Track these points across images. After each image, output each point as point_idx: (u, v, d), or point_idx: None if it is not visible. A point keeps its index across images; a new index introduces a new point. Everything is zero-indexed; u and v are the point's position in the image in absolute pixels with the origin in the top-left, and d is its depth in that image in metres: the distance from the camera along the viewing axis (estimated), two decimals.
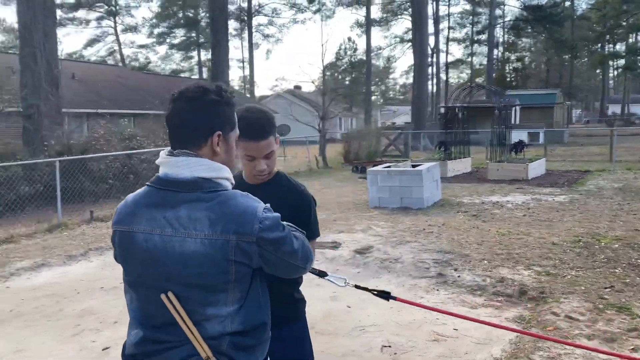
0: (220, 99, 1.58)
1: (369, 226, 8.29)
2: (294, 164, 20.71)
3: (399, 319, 4.67)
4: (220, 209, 1.47)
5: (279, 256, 1.55)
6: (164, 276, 1.47)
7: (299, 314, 2.19)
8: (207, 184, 1.50)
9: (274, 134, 2.05)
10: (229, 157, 1.64)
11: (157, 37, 55.85)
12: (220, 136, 1.57)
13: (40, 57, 12.17)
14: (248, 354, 1.54)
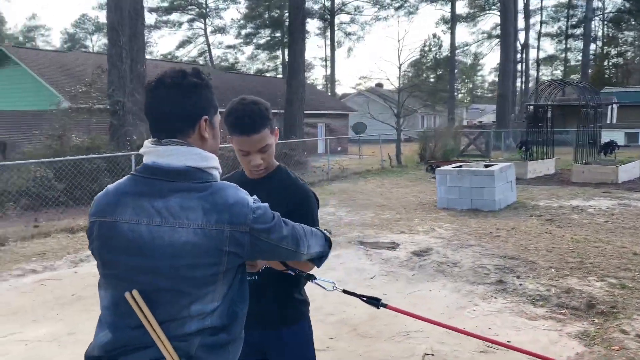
0: (201, 82, 1.51)
1: (432, 228, 7.98)
2: (367, 162, 20.55)
3: None
4: (213, 199, 1.41)
5: (272, 242, 1.50)
6: (151, 269, 1.39)
7: (300, 316, 2.09)
8: (199, 174, 1.45)
9: (269, 126, 1.95)
10: (216, 143, 1.58)
11: (244, 37, 57.63)
12: (207, 120, 1.51)
13: (126, 57, 12.92)
14: (219, 355, 1.45)
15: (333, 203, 10.78)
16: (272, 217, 1.52)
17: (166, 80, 1.47)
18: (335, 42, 51.01)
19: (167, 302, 1.40)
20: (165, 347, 1.38)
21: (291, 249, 1.59)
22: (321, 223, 7.63)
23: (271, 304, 2.03)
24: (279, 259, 1.69)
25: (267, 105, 1.98)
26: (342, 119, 32.24)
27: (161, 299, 1.40)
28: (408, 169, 17.49)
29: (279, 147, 16.41)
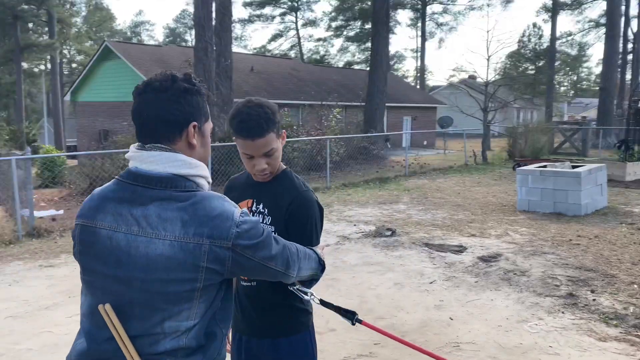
0: (191, 87, 1.44)
1: (507, 232, 7.52)
2: (452, 158, 19.86)
3: (504, 341, 4.13)
4: (194, 210, 1.33)
5: (258, 261, 1.42)
6: (125, 280, 1.33)
7: (299, 326, 2.00)
8: (182, 182, 1.37)
9: (274, 130, 1.87)
10: (206, 151, 1.51)
11: (334, 30, 57.87)
12: (196, 127, 1.44)
13: (211, 51, 13.37)
14: None
15: (405, 200, 10.51)
16: (261, 233, 1.42)
17: (154, 84, 1.41)
18: (427, 33, 49.76)
19: (140, 317, 1.33)
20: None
21: (280, 270, 1.51)
22: (389, 221, 7.56)
23: (268, 312, 1.97)
24: (265, 278, 1.59)
25: (273, 109, 1.90)
26: (430, 112, 31.45)
27: (134, 313, 1.34)
28: (494, 167, 16.68)
29: (358, 140, 16.30)
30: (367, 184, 13.01)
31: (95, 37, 50.61)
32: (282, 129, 1.97)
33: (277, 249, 1.47)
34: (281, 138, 1.95)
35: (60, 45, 40.24)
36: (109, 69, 23.11)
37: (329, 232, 7.72)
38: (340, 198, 10.94)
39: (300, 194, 1.94)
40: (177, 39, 62.13)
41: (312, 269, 1.71)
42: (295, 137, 13.76)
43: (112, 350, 1.34)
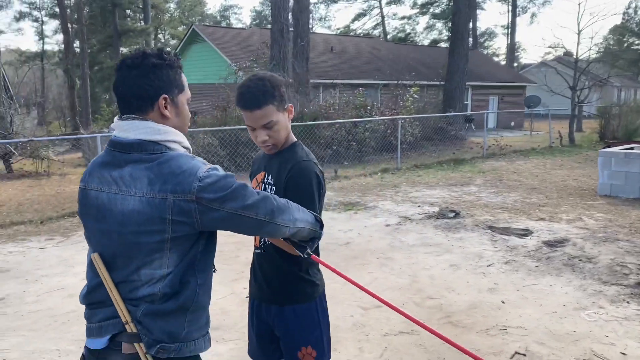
0: (162, 62, 1.55)
1: (580, 217, 7.11)
2: (537, 139, 18.88)
3: (556, 327, 3.98)
4: (159, 169, 1.48)
5: (229, 211, 1.50)
6: (107, 233, 1.52)
7: (306, 297, 2.06)
8: (151, 146, 1.51)
9: (274, 103, 1.93)
10: (181, 121, 1.63)
11: (419, 7, 56.35)
12: (167, 99, 1.56)
13: (287, 32, 13.57)
14: (165, 322, 1.51)
15: (477, 182, 10.20)
16: (230, 186, 1.50)
17: (127, 61, 1.55)
18: (518, 8, 47.07)
19: (121, 266, 1.51)
20: (120, 307, 1.50)
21: (263, 219, 1.57)
22: (457, 203, 7.48)
23: (275, 280, 2.06)
24: (249, 229, 1.60)
25: (274, 82, 1.95)
26: (519, 91, 29.90)
27: (116, 262, 1.51)
28: (581, 149, 15.66)
29: (434, 120, 15.92)
30: (441, 165, 12.74)
31: (187, 22, 52.81)
32: (288, 103, 2.01)
33: (255, 199, 1.54)
34: (287, 112, 2.00)
35: (154, 30, 42.50)
36: (196, 52, 24.13)
37: (391, 212, 7.70)
38: (409, 179, 10.82)
39: (298, 162, 1.98)
40: (263, 22, 63.33)
41: (308, 222, 1.75)
42: (369, 117, 13.70)
43: (104, 295, 1.52)
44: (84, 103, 29.24)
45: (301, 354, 2.05)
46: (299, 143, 2.10)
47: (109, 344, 1.52)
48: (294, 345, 2.05)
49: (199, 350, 1.61)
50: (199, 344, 1.60)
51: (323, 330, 2.11)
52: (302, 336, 2.06)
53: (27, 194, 10.11)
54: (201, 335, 1.62)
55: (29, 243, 6.40)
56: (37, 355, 3.61)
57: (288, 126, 2.03)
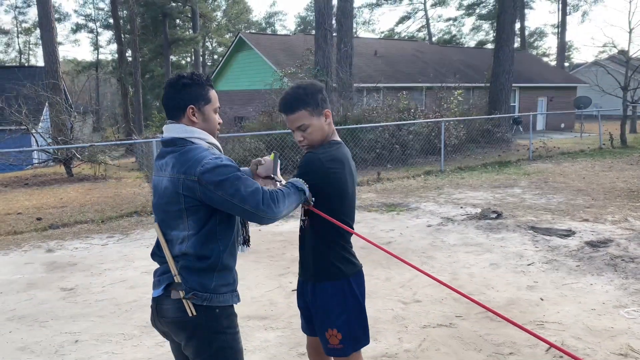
0: (191, 82, 2.08)
1: (626, 218, 7.04)
2: (586, 141, 18.42)
3: (594, 324, 4.06)
4: (180, 157, 1.97)
5: (221, 195, 1.90)
6: (156, 206, 2.08)
7: (332, 275, 2.25)
8: (180, 141, 2.03)
9: (307, 108, 2.20)
10: (208, 124, 2.12)
11: (465, 8, 55.66)
12: (194, 109, 2.07)
13: (330, 38, 13.85)
14: (199, 277, 1.97)
15: (522, 184, 10.16)
16: (226, 174, 1.90)
17: (169, 82, 2.12)
18: (569, 7, 45.74)
19: (164, 229, 2.04)
20: (170, 262, 2.01)
21: (247, 209, 1.92)
22: (500, 204, 7.84)
23: (309, 258, 2.30)
24: (238, 214, 1.98)
25: (309, 90, 2.22)
26: (569, 92, 29.12)
27: (162, 227, 2.05)
28: (633, 151, 15.21)
29: (479, 122, 15.83)
30: (485, 167, 12.70)
31: (233, 30, 54.10)
32: (325, 108, 2.25)
33: (245, 191, 1.90)
34: (323, 116, 2.24)
35: (202, 38, 43.82)
36: (243, 59, 24.80)
37: (433, 213, 7.83)
38: (452, 181, 10.88)
39: (307, 153, 2.23)
40: (307, 28, 64.07)
41: (293, 202, 2.07)
42: (412, 120, 13.80)
43: (162, 255, 2.06)
44: (136, 110, 30.55)
45: (328, 335, 2.26)
46: (334, 142, 2.31)
47: (163, 292, 2.01)
48: (322, 325, 2.28)
49: (227, 302, 2.04)
50: (226, 297, 2.04)
51: (351, 315, 2.26)
52: (330, 318, 2.26)
53: (87, 196, 10.79)
54: (229, 291, 2.05)
55: (92, 240, 6.91)
56: (105, 337, 3.99)
57: (324, 128, 2.26)
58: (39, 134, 15.87)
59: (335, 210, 2.22)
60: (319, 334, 2.32)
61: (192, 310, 1.95)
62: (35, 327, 4.22)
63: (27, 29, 54.74)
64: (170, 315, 2.00)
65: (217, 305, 1.99)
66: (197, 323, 1.97)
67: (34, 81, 17.41)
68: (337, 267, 2.26)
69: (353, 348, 2.30)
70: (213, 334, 2.00)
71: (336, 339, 2.25)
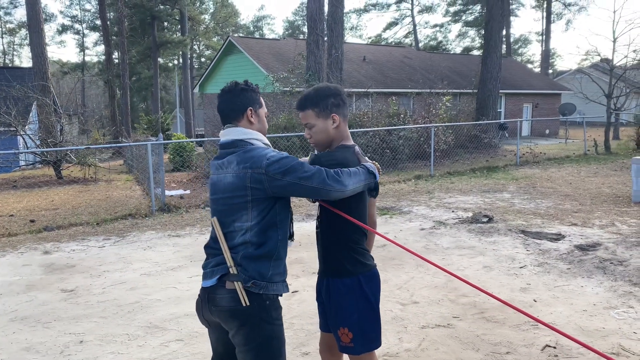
0: (247, 87, 2.31)
1: (613, 222, 7.24)
2: (571, 147, 18.78)
3: (586, 324, 4.21)
4: (244, 155, 2.17)
5: (289, 180, 2.10)
6: (215, 200, 2.24)
7: (350, 272, 2.33)
8: (241, 143, 2.23)
9: (315, 109, 2.32)
10: (262, 125, 2.34)
11: (452, 15, 56.31)
12: (252, 110, 2.28)
13: (322, 44, 13.99)
14: (257, 264, 2.13)
15: (510, 189, 10.36)
16: (288, 163, 2.11)
17: (226, 88, 2.32)
18: (553, 15, 46.53)
19: (224, 222, 2.19)
20: (227, 255, 2.14)
21: (315, 187, 2.12)
22: (490, 209, 7.92)
23: (324, 254, 2.41)
24: (307, 194, 2.15)
25: (323, 93, 2.34)
26: (553, 98, 29.64)
27: (222, 220, 2.20)
28: (616, 157, 15.56)
29: (467, 128, 16.06)
30: (474, 172, 12.91)
31: (221, 33, 54.07)
32: (333, 112, 2.33)
33: (309, 172, 2.11)
34: (330, 119, 2.33)
35: (190, 41, 43.73)
36: (232, 62, 24.85)
37: (426, 217, 7.97)
38: (442, 186, 11.05)
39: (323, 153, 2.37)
40: (296, 32, 64.28)
41: (362, 181, 2.25)
42: (402, 125, 13.97)
43: (217, 247, 2.20)
44: (124, 112, 30.35)
45: (340, 333, 2.35)
46: (348, 145, 2.40)
47: (217, 282, 2.15)
48: (335, 323, 2.37)
49: (279, 291, 2.20)
50: (279, 286, 2.19)
51: (362, 315, 2.33)
52: (342, 316, 2.34)
53: (78, 199, 10.76)
54: (281, 280, 2.21)
55: (89, 242, 6.93)
56: (109, 338, 4.04)
57: (329, 132, 2.35)
58: (28, 136, 15.74)
59: (353, 209, 2.31)
60: (333, 331, 2.40)
61: (246, 300, 2.09)
62: (38, 328, 4.25)
63: (12, 29, 54.18)
64: (224, 304, 2.13)
65: (270, 294, 2.14)
66: (250, 313, 2.11)
67: (21, 82, 17.29)
68: (347, 266, 2.34)
69: (364, 348, 2.35)
70: (263, 324, 2.13)
71: (347, 337, 2.33)
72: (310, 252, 6.21)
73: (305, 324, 4.27)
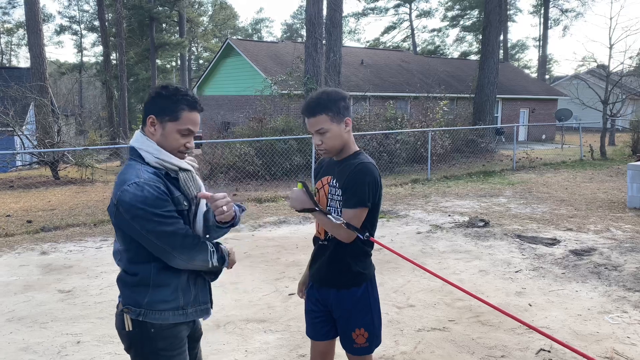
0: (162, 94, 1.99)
1: (608, 227, 7.29)
2: (568, 153, 18.87)
3: (579, 328, 4.25)
4: (121, 173, 1.98)
5: (131, 224, 1.83)
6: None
7: (356, 283, 2.39)
8: (133, 151, 2.02)
9: (327, 113, 2.25)
10: (164, 140, 2.04)
11: (450, 20, 56.52)
12: (153, 119, 2.01)
13: (321, 47, 14.04)
14: (130, 290, 1.95)
15: (507, 194, 10.41)
16: (144, 207, 1.81)
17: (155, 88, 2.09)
18: (550, 20, 46.76)
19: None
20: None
21: (165, 248, 1.87)
22: (486, 213, 7.92)
23: (333, 266, 2.39)
24: (149, 248, 1.89)
25: (332, 97, 2.27)
26: (549, 104, 29.76)
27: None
28: (612, 163, 15.65)
29: (464, 132, 16.14)
30: (470, 177, 12.96)
31: (220, 35, 54.12)
32: (346, 116, 2.31)
33: (168, 229, 1.84)
34: (343, 123, 2.30)
35: (188, 43, 43.75)
36: (230, 64, 24.88)
37: (422, 221, 8.01)
38: (439, 190, 11.09)
39: (356, 164, 2.30)
40: (294, 35, 64.38)
41: (201, 260, 1.98)
42: (399, 129, 14.03)
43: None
44: (121, 113, 30.33)
45: (355, 335, 2.38)
46: (361, 151, 2.41)
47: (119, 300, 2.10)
48: (349, 326, 2.38)
49: (167, 320, 1.97)
50: (166, 314, 1.98)
51: (374, 315, 2.42)
52: (357, 319, 2.38)
53: (75, 199, 10.75)
54: (169, 308, 1.97)
55: (86, 243, 6.93)
56: (107, 339, 4.05)
57: (343, 136, 2.31)
58: (26, 136, 15.72)
59: (369, 217, 2.34)
60: (344, 335, 2.41)
61: (129, 325, 1.94)
62: (35, 328, 4.26)
63: (10, 29, 54.08)
64: (117, 324, 2.02)
65: (155, 323, 1.94)
66: (132, 339, 1.97)
67: (19, 83, 17.28)
68: (362, 273, 2.39)
69: (375, 345, 2.44)
70: (147, 354, 1.96)
71: (363, 338, 2.38)
72: (308, 255, 6.22)
73: (302, 326, 4.27)
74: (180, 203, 1.94)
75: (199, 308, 2.05)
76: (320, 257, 2.45)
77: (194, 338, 2.19)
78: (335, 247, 2.38)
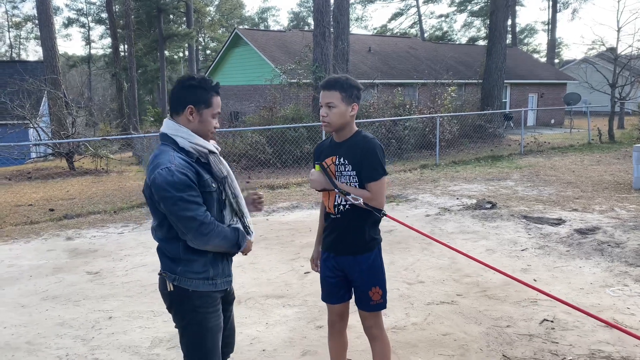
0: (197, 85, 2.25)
1: (612, 207, 7.48)
2: (576, 136, 18.93)
3: (582, 300, 4.47)
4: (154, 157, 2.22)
5: (160, 204, 2.12)
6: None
7: (369, 248, 2.70)
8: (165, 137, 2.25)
9: (341, 92, 2.55)
10: (202, 126, 2.27)
11: (457, 5, 56.12)
12: (192, 109, 2.26)
13: (329, 35, 14.19)
14: (166, 261, 2.26)
15: (514, 177, 10.59)
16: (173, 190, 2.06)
17: (179, 79, 2.31)
18: (559, 4, 46.34)
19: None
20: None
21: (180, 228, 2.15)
22: (494, 196, 8.18)
23: (349, 236, 2.69)
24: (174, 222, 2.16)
25: (352, 83, 2.59)
26: (558, 88, 29.69)
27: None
28: (620, 146, 15.72)
29: (472, 118, 16.26)
30: (478, 161, 13.13)
31: (227, 25, 54.19)
32: (354, 102, 2.59)
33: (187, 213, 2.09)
34: (350, 107, 2.59)
35: (196, 33, 43.90)
36: (238, 54, 25.05)
37: (431, 204, 8.23)
38: (448, 174, 11.29)
39: (366, 141, 2.61)
40: (301, 23, 64.28)
41: (222, 247, 2.26)
42: (408, 115, 14.19)
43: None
44: (131, 105, 30.66)
45: (371, 293, 2.69)
46: (361, 130, 2.71)
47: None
48: (366, 285, 2.69)
49: (197, 288, 2.24)
50: (196, 283, 2.25)
51: (384, 275, 2.76)
52: (373, 278, 2.70)
53: (92, 189, 11.08)
54: (199, 278, 2.25)
55: (108, 229, 7.24)
56: (136, 314, 4.34)
57: (346, 117, 2.59)
58: (41, 129, 16.07)
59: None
60: (362, 294, 2.71)
61: (170, 286, 2.20)
62: (69, 306, 4.55)
63: (18, 23, 54.49)
64: (159, 287, 2.31)
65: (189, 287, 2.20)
66: (172, 298, 2.23)
67: (32, 76, 17.61)
68: (374, 239, 2.72)
69: (386, 302, 2.77)
70: (185, 310, 2.23)
71: (378, 294, 2.70)
72: None
73: (318, 301, 4.54)
74: (209, 185, 2.19)
75: (225, 280, 2.35)
76: (336, 229, 2.72)
77: (227, 301, 2.46)
78: (351, 219, 2.66)
